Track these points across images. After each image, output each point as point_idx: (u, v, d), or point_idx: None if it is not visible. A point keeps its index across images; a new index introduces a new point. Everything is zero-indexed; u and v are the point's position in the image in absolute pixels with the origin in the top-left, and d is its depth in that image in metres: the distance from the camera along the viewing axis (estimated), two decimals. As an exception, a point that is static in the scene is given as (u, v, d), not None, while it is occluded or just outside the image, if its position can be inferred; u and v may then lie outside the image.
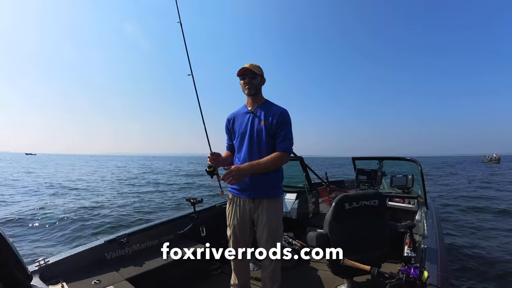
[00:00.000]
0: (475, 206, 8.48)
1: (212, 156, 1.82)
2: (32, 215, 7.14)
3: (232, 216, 1.88)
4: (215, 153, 1.84)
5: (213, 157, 1.82)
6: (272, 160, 1.73)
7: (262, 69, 1.89)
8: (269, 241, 1.78)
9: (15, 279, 1.30)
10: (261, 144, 1.80)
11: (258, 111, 1.86)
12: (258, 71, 1.84)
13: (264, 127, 1.80)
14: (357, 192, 2.10)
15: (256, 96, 1.88)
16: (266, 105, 1.88)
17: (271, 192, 1.82)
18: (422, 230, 2.30)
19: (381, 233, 2.09)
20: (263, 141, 1.80)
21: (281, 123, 1.80)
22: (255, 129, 1.82)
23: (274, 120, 1.79)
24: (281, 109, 1.85)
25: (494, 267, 4.00)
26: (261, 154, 1.79)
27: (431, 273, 1.32)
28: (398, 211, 3.16)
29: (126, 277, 1.92)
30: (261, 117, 1.82)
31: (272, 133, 1.81)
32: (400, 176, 3.56)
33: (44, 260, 1.84)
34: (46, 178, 18.05)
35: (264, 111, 1.84)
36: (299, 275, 2.61)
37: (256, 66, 1.86)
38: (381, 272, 1.38)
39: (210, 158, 1.83)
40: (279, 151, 1.77)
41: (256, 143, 1.81)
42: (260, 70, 1.87)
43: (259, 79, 1.86)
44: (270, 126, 1.80)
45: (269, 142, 1.81)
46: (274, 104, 1.90)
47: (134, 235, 2.39)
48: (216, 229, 2.75)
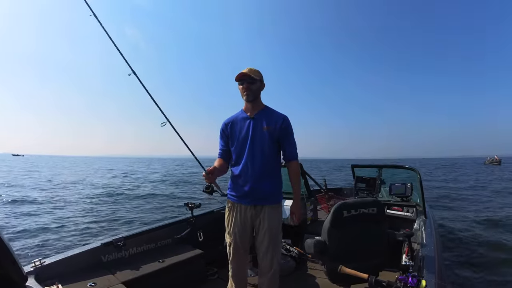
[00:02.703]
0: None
1: (208, 175, 1.75)
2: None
3: (232, 223, 1.84)
4: (210, 171, 1.77)
5: (208, 175, 1.76)
6: (294, 175, 1.87)
7: (262, 74, 1.84)
8: (270, 247, 1.76)
9: (10, 280, 1.29)
10: (264, 149, 1.78)
11: (258, 117, 1.82)
12: (257, 76, 1.79)
13: (267, 133, 1.79)
14: (355, 200, 2.10)
15: (255, 101, 1.83)
16: (266, 111, 1.87)
17: (272, 198, 1.81)
18: (420, 239, 2.29)
19: (379, 241, 2.08)
20: (266, 147, 1.78)
21: (285, 130, 1.81)
22: (257, 135, 1.79)
23: (278, 126, 1.79)
24: (283, 115, 1.85)
25: (493, 274, 3.98)
26: (264, 160, 1.78)
27: (428, 282, 1.31)
28: (396, 220, 3.15)
29: (122, 280, 1.90)
30: (263, 123, 1.80)
31: (276, 139, 1.80)
32: (399, 184, 3.55)
33: (40, 261, 1.83)
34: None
35: (265, 117, 1.82)
36: (296, 282, 2.59)
37: (254, 71, 1.81)
38: (379, 281, 1.37)
39: (206, 176, 1.76)
40: (292, 161, 1.85)
41: (259, 149, 1.78)
42: (259, 75, 1.82)
43: (258, 85, 1.82)
44: (274, 132, 1.79)
45: (271, 148, 1.80)
46: (275, 111, 1.89)
47: (131, 239, 2.37)
48: (214, 234, 2.73)
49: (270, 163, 1.81)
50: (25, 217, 7.57)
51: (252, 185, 1.76)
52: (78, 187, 14.89)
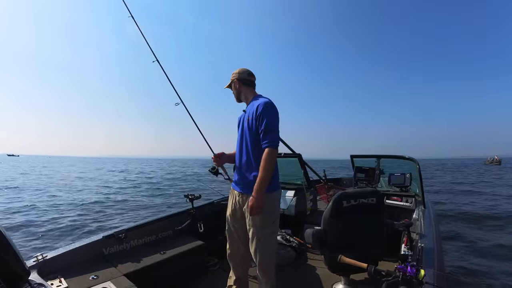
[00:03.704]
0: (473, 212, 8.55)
1: (216, 157, 2.02)
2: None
3: (228, 207, 1.93)
4: (218, 154, 2.03)
5: (217, 158, 2.02)
6: (265, 165, 1.64)
7: (237, 68, 1.92)
8: (254, 239, 1.75)
9: (13, 274, 1.30)
10: (247, 141, 1.79)
11: (247, 110, 1.86)
12: (231, 78, 1.92)
13: (247, 124, 1.79)
14: (355, 190, 2.10)
15: (243, 98, 1.92)
16: (252, 101, 1.84)
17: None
18: (419, 229, 2.31)
19: (379, 231, 2.10)
20: (249, 138, 1.78)
21: (260, 116, 1.69)
22: (244, 128, 1.83)
23: (254, 114, 1.72)
24: (260, 100, 1.74)
25: (491, 265, 4.04)
26: (247, 151, 1.79)
27: (427, 272, 1.33)
28: (395, 210, 3.17)
29: (124, 272, 1.92)
30: (248, 115, 1.79)
31: (256, 129, 1.73)
32: (398, 174, 3.56)
33: (42, 255, 1.84)
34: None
35: (250, 108, 1.82)
36: (296, 272, 2.63)
37: (232, 74, 1.92)
38: (378, 270, 1.38)
39: (214, 159, 2.03)
40: (265, 149, 1.66)
41: (244, 143, 1.82)
42: (233, 75, 1.91)
43: (233, 85, 1.92)
44: (253, 122, 1.74)
45: (254, 140, 1.75)
46: (259, 98, 1.81)
47: (132, 231, 2.39)
48: (214, 225, 2.75)
49: (254, 154, 1.76)
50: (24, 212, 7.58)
51: (240, 175, 1.85)
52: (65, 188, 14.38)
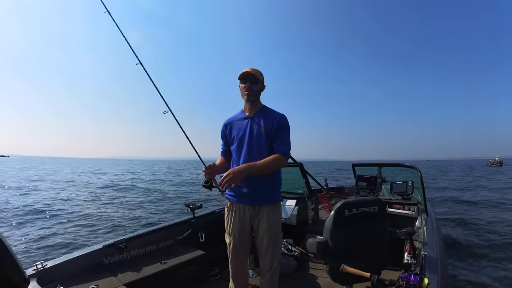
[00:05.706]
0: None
1: (207, 170, 1.81)
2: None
3: (231, 223, 1.85)
4: (210, 166, 1.83)
5: (208, 170, 1.81)
6: (270, 161, 1.68)
7: (263, 75, 1.87)
8: (270, 247, 1.76)
9: (12, 283, 1.29)
10: (261, 149, 1.79)
11: (256, 117, 1.84)
12: (259, 77, 1.82)
13: (264, 132, 1.79)
14: (356, 199, 2.09)
15: (255, 102, 1.86)
16: (264, 111, 1.88)
17: (270, 198, 1.81)
18: (422, 237, 2.29)
19: (381, 240, 2.08)
20: (263, 146, 1.79)
21: (280, 127, 1.79)
22: (254, 134, 1.81)
23: (274, 125, 1.79)
24: (280, 114, 1.85)
25: (496, 273, 3.97)
26: (261, 159, 1.77)
27: (431, 280, 1.31)
28: (398, 218, 3.15)
29: (124, 282, 1.90)
30: (261, 123, 1.81)
31: (272, 139, 1.79)
32: (400, 182, 3.55)
33: (42, 264, 1.83)
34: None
35: (263, 116, 1.83)
36: (298, 282, 2.59)
37: (257, 71, 1.83)
38: (381, 279, 1.37)
39: (205, 171, 1.82)
40: (277, 154, 1.73)
41: (256, 149, 1.79)
42: (261, 76, 1.85)
43: (260, 85, 1.85)
44: (270, 132, 1.79)
45: (269, 148, 1.80)
46: (273, 110, 1.89)
47: (133, 240, 2.37)
48: (215, 235, 2.73)
49: None
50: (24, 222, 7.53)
51: (250, 185, 1.76)
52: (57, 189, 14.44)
